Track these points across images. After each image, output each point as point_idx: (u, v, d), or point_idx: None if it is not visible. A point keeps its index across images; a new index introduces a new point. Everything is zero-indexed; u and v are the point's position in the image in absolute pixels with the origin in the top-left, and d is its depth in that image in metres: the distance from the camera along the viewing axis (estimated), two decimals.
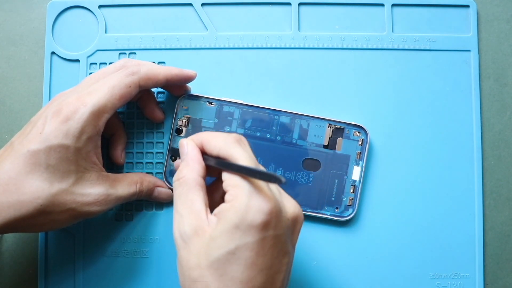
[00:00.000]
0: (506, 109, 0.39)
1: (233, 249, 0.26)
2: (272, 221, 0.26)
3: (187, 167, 0.30)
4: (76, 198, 0.31)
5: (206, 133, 0.32)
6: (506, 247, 0.38)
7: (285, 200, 0.29)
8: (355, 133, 0.37)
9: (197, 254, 0.27)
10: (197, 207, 0.28)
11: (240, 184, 0.27)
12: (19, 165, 0.29)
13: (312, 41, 0.39)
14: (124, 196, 0.34)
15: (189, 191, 0.29)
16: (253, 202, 0.26)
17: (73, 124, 0.30)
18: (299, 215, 0.29)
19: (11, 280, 0.38)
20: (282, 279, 0.28)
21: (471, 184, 0.38)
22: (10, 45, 0.40)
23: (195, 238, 0.27)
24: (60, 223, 0.31)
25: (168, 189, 0.37)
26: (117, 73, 0.32)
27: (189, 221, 0.28)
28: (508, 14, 0.40)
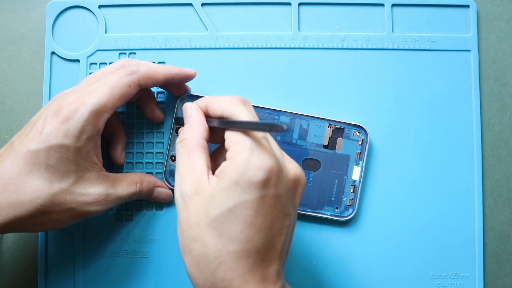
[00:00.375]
0: (506, 109, 0.39)
1: (232, 206, 0.26)
2: (273, 179, 0.26)
3: (190, 129, 0.30)
4: (76, 198, 0.31)
5: (211, 96, 0.32)
6: (506, 247, 0.38)
7: (287, 161, 0.28)
8: (355, 133, 0.37)
9: (197, 213, 0.27)
10: (198, 168, 0.28)
11: (241, 140, 0.27)
12: (19, 164, 0.29)
13: (312, 41, 0.39)
14: (124, 196, 0.34)
15: (191, 152, 0.29)
16: (253, 158, 0.26)
17: (73, 124, 0.30)
18: (301, 177, 0.29)
19: (11, 280, 0.38)
20: (283, 242, 0.27)
21: (471, 184, 0.38)
22: (10, 45, 0.40)
23: (195, 198, 0.27)
24: (60, 223, 0.31)
25: (168, 189, 0.37)
26: (117, 72, 0.32)
27: (190, 181, 0.28)
28: (508, 14, 0.40)
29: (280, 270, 0.28)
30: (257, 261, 0.26)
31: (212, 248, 0.26)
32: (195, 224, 0.27)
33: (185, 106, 0.32)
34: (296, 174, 0.28)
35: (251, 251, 0.26)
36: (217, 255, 0.26)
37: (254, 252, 0.26)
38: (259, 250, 0.26)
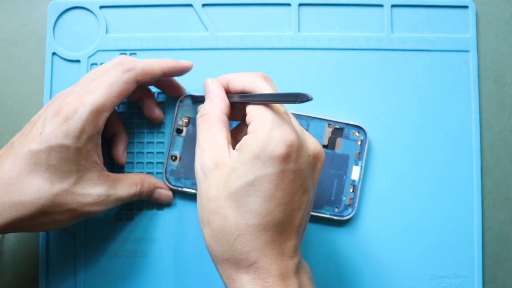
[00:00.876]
0: (505, 109, 0.39)
1: (253, 180, 0.26)
2: (293, 153, 0.26)
3: (211, 104, 0.31)
4: (77, 198, 0.31)
5: (232, 74, 0.32)
6: (505, 246, 0.39)
7: (307, 137, 0.29)
8: (355, 133, 0.38)
9: (217, 186, 0.27)
10: (219, 142, 0.29)
11: (263, 115, 0.27)
12: (20, 165, 0.29)
13: (312, 42, 0.39)
14: (124, 197, 0.34)
15: (212, 126, 0.30)
16: (275, 132, 0.26)
17: (73, 124, 0.30)
18: (321, 153, 0.29)
19: (13, 279, 0.38)
20: (301, 217, 0.28)
21: (470, 184, 0.38)
22: (11, 46, 0.40)
23: (215, 171, 0.28)
24: (61, 223, 0.31)
25: (168, 191, 0.37)
26: (114, 70, 0.32)
27: (211, 154, 0.28)
28: (506, 15, 0.40)
29: (298, 245, 0.28)
30: (275, 235, 0.27)
31: (231, 221, 0.26)
32: (214, 197, 0.27)
33: (206, 81, 0.33)
34: (316, 150, 0.28)
35: (269, 225, 0.26)
36: (236, 227, 0.26)
37: (272, 226, 0.26)
38: (277, 224, 0.27)
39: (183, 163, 0.37)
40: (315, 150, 0.28)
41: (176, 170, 0.37)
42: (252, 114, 0.28)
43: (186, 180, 0.37)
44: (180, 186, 0.37)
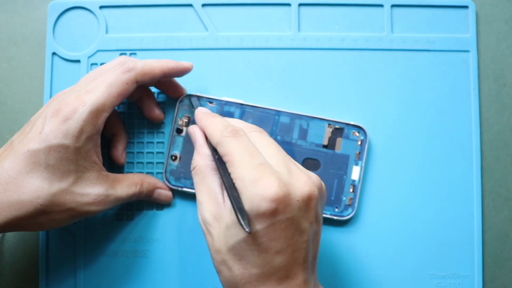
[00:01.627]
0: (505, 109, 0.39)
1: (245, 237, 0.27)
2: (280, 206, 0.26)
3: (198, 155, 0.31)
4: (75, 198, 0.31)
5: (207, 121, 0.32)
6: (505, 246, 0.39)
7: (295, 179, 0.27)
8: (355, 133, 0.38)
9: (218, 240, 0.28)
10: (214, 193, 0.29)
11: (241, 175, 0.27)
12: (19, 164, 0.29)
13: (311, 42, 0.39)
14: (123, 197, 0.34)
15: (204, 178, 0.30)
16: (256, 190, 0.26)
17: (72, 124, 0.30)
18: (311, 193, 0.27)
19: (12, 279, 0.38)
20: (304, 256, 0.28)
21: (470, 184, 0.38)
22: (11, 46, 0.40)
23: (215, 224, 0.28)
24: (59, 222, 0.31)
25: (168, 191, 0.37)
26: (114, 70, 0.32)
27: (208, 207, 0.29)
28: (507, 15, 0.40)
29: (308, 279, 0.28)
30: (281, 278, 0.27)
31: (236, 272, 0.27)
32: (218, 250, 0.28)
33: (189, 130, 0.34)
34: (304, 193, 0.27)
35: (271, 272, 0.27)
36: (241, 277, 0.27)
37: (275, 272, 0.27)
38: (280, 269, 0.27)
39: (183, 163, 0.37)
40: (303, 194, 0.27)
41: (176, 170, 0.37)
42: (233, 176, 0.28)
43: (186, 180, 0.37)
44: (180, 186, 0.37)
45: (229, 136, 0.29)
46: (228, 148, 0.29)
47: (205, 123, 0.32)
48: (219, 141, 0.30)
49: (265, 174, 0.27)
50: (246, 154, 0.28)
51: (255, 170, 0.27)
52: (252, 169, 0.27)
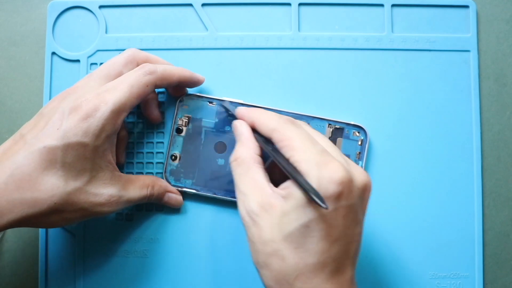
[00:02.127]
0: (506, 109, 0.39)
1: (307, 222, 0.26)
2: (344, 190, 0.26)
3: (242, 147, 0.31)
4: (89, 197, 0.30)
5: (258, 112, 0.32)
6: (506, 246, 0.38)
7: (353, 168, 0.28)
8: (355, 133, 0.37)
9: (270, 229, 0.27)
10: (260, 184, 0.29)
11: (305, 157, 0.27)
12: (34, 160, 0.29)
13: (312, 42, 0.39)
14: (135, 199, 0.33)
15: (248, 169, 0.30)
16: (323, 173, 0.26)
17: (94, 122, 0.29)
18: (368, 183, 0.29)
19: (12, 280, 0.38)
20: (355, 249, 0.28)
21: (470, 184, 0.38)
22: (11, 46, 0.40)
23: (264, 214, 0.28)
24: (70, 221, 0.31)
25: (178, 195, 0.37)
26: (135, 71, 0.32)
27: (254, 197, 0.28)
28: (507, 15, 0.40)
29: (353, 276, 0.28)
30: (333, 270, 0.27)
31: (290, 262, 0.27)
32: (269, 240, 0.27)
33: (234, 124, 0.33)
34: (364, 181, 0.28)
35: (327, 261, 0.27)
36: (295, 267, 0.27)
37: (330, 262, 0.27)
38: (334, 260, 0.27)
39: (182, 163, 0.37)
40: (363, 182, 0.28)
41: (176, 170, 0.37)
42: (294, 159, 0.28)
43: (186, 180, 0.37)
44: (180, 186, 0.37)
45: (287, 122, 0.30)
46: (288, 133, 0.29)
47: (256, 114, 0.32)
48: (276, 127, 0.29)
49: (329, 158, 0.27)
50: (307, 140, 0.28)
51: (319, 155, 0.27)
52: (316, 154, 0.27)
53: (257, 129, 0.31)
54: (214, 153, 0.37)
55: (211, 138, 0.37)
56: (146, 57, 0.34)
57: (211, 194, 0.37)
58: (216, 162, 0.37)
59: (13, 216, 0.28)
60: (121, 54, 0.34)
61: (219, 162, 0.37)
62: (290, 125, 0.30)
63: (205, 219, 0.38)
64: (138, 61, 0.34)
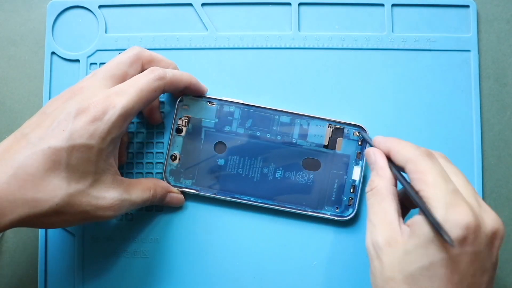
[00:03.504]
0: (506, 109, 0.39)
1: (428, 265, 0.26)
2: (470, 236, 0.25)
3: (378, 177, 0.31)
4: (91, 200, 0.30)
5: (395, 141, 0.31)
6: (506, 247, 0.38)
7: (484, 213, 0.27)
8: (355, 133, 0.37)
9: (391, 266, 0.27)
10: (390, 217, 0.28)
11: (434, 195, 0.26)
12: (38, 161, 0.28)
13: (312, 41, 0.39)
14: (138, 202, 0.33)
15: (382, 200, 0.29)
16: (450, 215, 0.25)
17: (101, 125, 0.29)
18: (499, 229, 0.27)
19: (12, 280, 0.38)
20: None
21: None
22: (10, 45, 0.40)
23: (388, 249, 0.27)
24: (70, 223, 0.31)
25: (180, 195, 0.37)
26: (145, 75, 0.32)
27: (382, 231, 0.28)
28: (508, 14, 0.40)
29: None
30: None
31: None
32: (390, 279, 0.27)
33: (368, 152, 0.33)
34: (494, 228, 0.27)
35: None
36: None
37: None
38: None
39: (182, 163, 0.37)
40: (493, 229, 0.27)
41: (175, 170, 0.37)
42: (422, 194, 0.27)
43: (186, 180, 0.37)
44: (180, 186, 0.37)
45: (423, 155, 0.29)
46: (422, 166, 0.28)
47: (393, 143, 0.31)
48: (411, 158, 0.29)
49: (458, 201, 0.26)
50: (440, 176, 0.27)
51: (449, 195, 0.26)
52: (447, 193, 0.26)
53: (392, 158, 0.31)
54: (214, 153, 0.37)
55: (211, 138, 0.37)
56: (151, 56, 0.34)
57: (211, 194, 0.37)
58: (216, 162, 0.37)
59: (15, 216, 0.28)
60: (125, 53, 0.33)
61: (219, 162, 0.37)
62: (426, 158, 0.29)
63: (205, 219, 0.38)
64: (143, 60, 0.34)
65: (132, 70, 0.33)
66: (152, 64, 0.34)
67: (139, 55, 0.33)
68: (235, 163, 0.37)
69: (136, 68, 0.33)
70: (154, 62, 0.34)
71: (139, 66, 0.33)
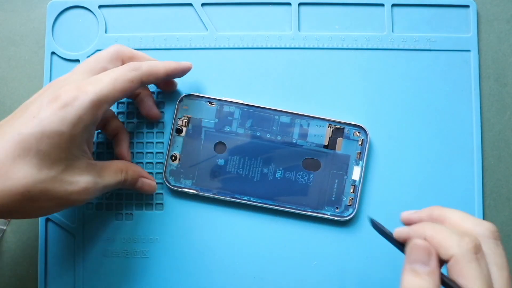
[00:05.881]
0: (506, 109, 0.39)
1: None
2: None
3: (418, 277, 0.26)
4: (64, 186, 0.30)
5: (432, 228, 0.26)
6: (506, 247, 0.38)
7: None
8: (355, 133, 0.37)
9: None
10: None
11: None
12: (6, 148, 0.28)
13: (312, 41, 0.39)
14: (110, 184, 0.33)
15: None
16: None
17: (71, 111, 0.29)
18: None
19: (11, 280, 0.38)
20: None
21: (471, 184, 0.38)
22: (10, 45, 0.40)
23: None
24: (45, 211, 0.31)
25: (152, 181, 0.36)
26: (120, 67, 0.32)
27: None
28: (508, 14, 0.40)
29: None
30: None
31: None
32: None
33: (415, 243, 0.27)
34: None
35: None
36: None
37: None
38: None
39: (182, 163, 0.37)
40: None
41: (175, 170, 0.37)
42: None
43: (186, 180, 0.37)
44: (180, 186, 0.37)
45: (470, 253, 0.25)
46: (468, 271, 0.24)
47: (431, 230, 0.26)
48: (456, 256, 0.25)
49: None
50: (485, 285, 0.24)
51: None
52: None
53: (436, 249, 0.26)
54: (214, 153, 0.37)
55: (211, 138, 0.37)
56: (131, 53, 0.34)
57: (211, 194, 0.37)
58: (216, 162, 0.37)
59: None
60: (106, 50, 0.33)
61: (219, 162, 0.37)
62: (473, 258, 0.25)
63: (205, 219, 0.38)
64: (123, 57, 0.34)
65: (111, 66, 0.33)
66: (133, 60, 0.34)
67: (119, 52, 0.33)
68: (235, 163, 0.37)
69: (116, 65, 0.33)
70: (135, 58, 0.34)
71: (119, 63, 0.33)
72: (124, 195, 0.38)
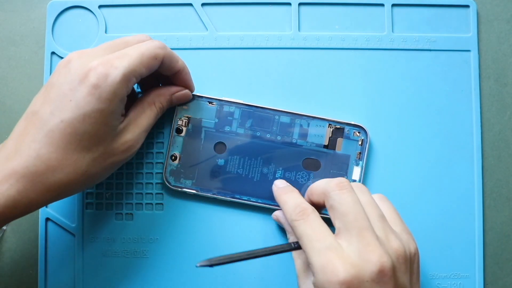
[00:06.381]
0: (506, 109, 0.39)
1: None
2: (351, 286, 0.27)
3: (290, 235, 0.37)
4: (114, 151, 0.31)
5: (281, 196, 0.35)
6: (506, 247, 0.38)
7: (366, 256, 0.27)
8: (355, 133, 0.37)
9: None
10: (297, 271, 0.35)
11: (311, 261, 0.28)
12: (55, 138, 0.29)
13: (312, 41, 0.39)
14: (151, 123, 0.34)
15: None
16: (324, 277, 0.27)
17: (106, 88, 0.29)
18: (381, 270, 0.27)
19: (11, 280, 0.38)
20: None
21: (471, 184, 0.38)
22: (10, 45, 0.40)
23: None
24: (103, 177, 0.33)
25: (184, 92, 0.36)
26: (146, 43, 0.32)
27: None
28: (508, 14, 0.40)
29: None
30: None
31: None
32: None
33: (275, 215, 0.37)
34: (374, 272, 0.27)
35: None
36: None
37: None
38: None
39: (182, 163, 0.37)
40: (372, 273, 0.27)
41: (175, 170, 0.37)
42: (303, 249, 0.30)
43: (186, 180, 0.37)
44: (180, 186, 0.37)
45: (297, 219, 0.30)
46: (298, 232, 0.30)
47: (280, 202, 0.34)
48: (291, 225, 0.31)
49: (331, 258, 0.27)
50: (313, 239, 0.29)
51: (322, 255, 0.28)
52: (319, 254, 0.28)
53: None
54: (214, 153, 0.37)
55: (211, 138, 0.37)
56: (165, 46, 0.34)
57: (211, 194, 0.37)
58: (216, 162, 0.37)
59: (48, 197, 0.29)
60: (134, 36, 0.33)
61: (219, 162, 0.37)
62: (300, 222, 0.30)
63: (205, 219, 0.38)
64: None
65: None
66: None
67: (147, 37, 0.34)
68: (235, 163, 0.37)
69: None
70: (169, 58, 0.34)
71: None
72: (124, 195, 0.38)
